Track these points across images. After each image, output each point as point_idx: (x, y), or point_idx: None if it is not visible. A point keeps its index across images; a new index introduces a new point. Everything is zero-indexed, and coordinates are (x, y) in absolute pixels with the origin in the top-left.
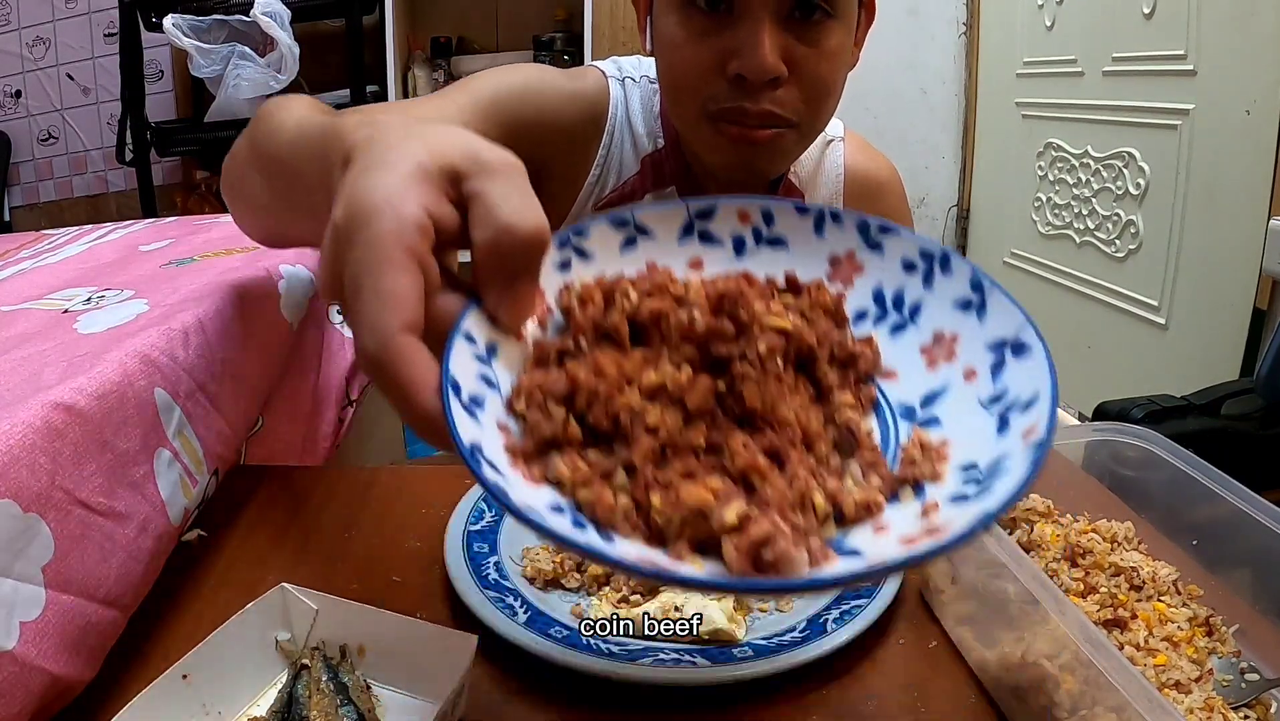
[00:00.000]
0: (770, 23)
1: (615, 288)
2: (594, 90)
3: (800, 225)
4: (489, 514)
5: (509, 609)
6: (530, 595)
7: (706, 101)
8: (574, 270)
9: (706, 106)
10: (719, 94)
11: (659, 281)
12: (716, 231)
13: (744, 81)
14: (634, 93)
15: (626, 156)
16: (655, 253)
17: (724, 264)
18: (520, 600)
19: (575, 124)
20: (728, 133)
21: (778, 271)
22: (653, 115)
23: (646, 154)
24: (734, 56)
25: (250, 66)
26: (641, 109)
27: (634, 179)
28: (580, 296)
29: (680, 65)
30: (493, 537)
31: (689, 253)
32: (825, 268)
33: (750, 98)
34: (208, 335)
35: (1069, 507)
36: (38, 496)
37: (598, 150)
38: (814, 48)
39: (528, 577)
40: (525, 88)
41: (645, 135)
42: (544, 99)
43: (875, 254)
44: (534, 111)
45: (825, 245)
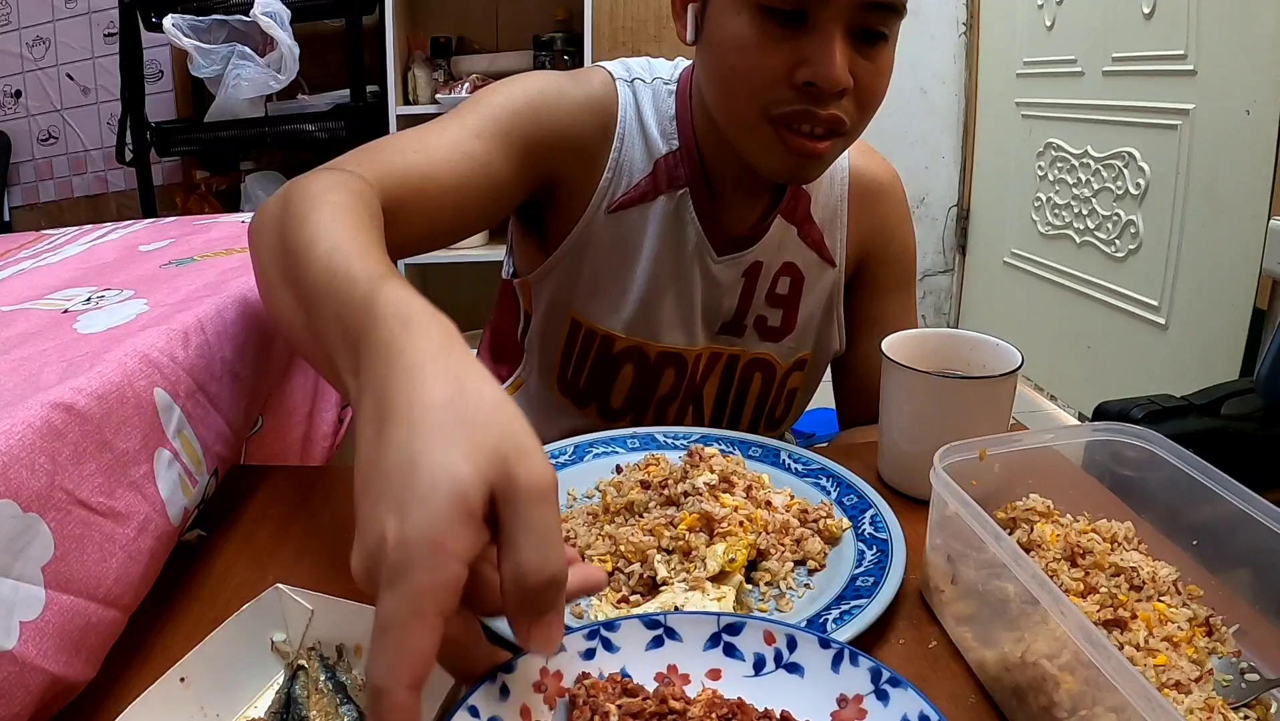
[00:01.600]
0: (841, 36)
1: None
2: (602, 95)
3: (819, 657)
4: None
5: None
6: None
7: (770, 105)
8: (597, 659)
9: (769, 110)
10: (783, 98)
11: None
12: (741, 647)
13: (813, 89)
14: (645, 94)
15: (638, 159)
16: (679, 657)
17: (740, 680)
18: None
19: (587, 132)
20: (790, 141)
21: (788, 701)
22: (667, 117)
23: (660, 156)
24: (805, 64)
25: (250, 66)
26: (654, 111)
27: (645, 180)
28: (589, 690)
29: (747, 66)
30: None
31: (710, 662)
32: (832, 706)
33: (819, 104)
34: (207, 335)
35: (1069, 507)
36: (38, 496)
37: (609, 155)
38: (873, 63)
39: None
40: (536, 103)
41: (659, 137)
42: (555, 112)
43: (880, 703)
44: (547, 126)
45: (838, 683)
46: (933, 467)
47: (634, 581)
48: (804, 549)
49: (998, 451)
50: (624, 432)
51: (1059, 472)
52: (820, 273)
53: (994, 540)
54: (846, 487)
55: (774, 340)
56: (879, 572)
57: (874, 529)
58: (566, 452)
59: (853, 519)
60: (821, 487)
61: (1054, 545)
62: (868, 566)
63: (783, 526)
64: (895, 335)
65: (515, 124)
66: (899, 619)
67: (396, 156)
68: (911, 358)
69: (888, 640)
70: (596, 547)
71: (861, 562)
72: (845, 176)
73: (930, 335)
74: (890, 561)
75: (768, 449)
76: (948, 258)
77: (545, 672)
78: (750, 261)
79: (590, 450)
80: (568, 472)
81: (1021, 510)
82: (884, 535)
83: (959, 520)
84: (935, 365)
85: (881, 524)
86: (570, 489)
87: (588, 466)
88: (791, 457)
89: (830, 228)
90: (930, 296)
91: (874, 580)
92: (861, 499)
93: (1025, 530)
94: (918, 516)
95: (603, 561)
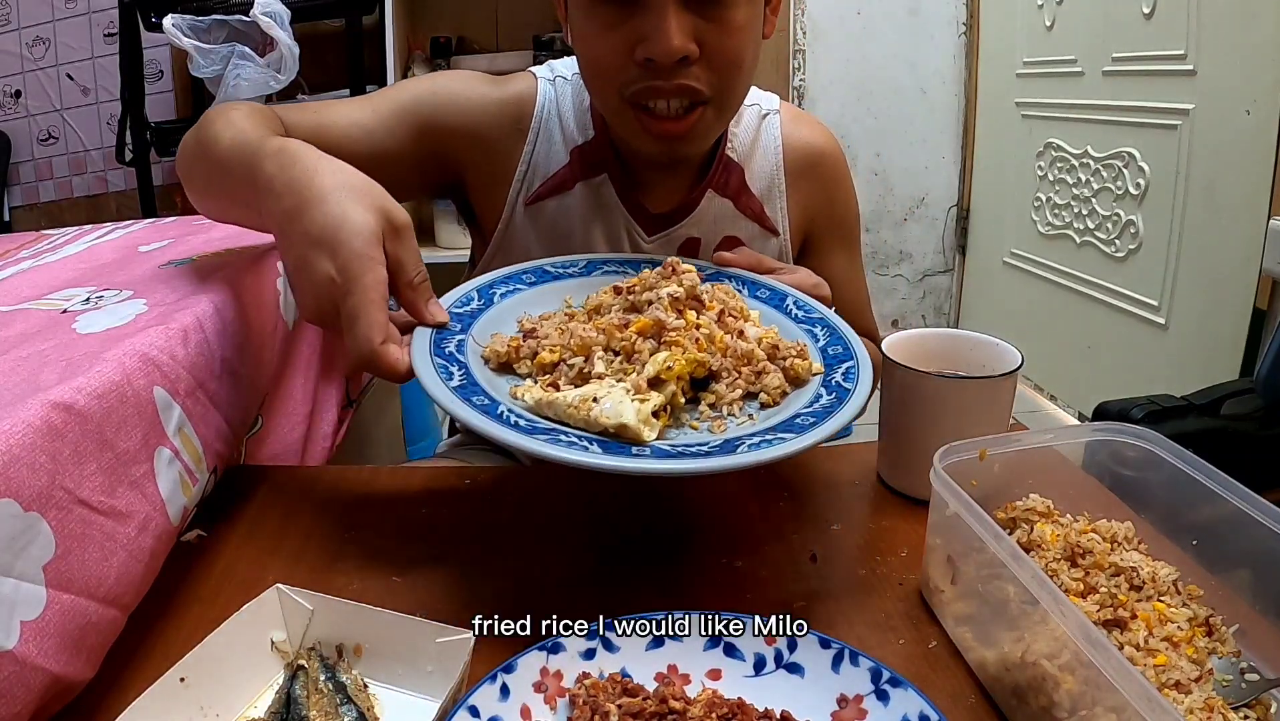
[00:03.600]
0: (674, 6)
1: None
2: (520, 92)
3: (819, 657)
4: (477, 301)
5: (447, 373)
6: (476, 370)
7: (622, 87)
8: (597, 659)
9: (624, 91)
10: (632, 78)
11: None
12: (741, 647)
13: (654, 64)
14: (565, 90)
15: (555, 151)
16: (679, 657)
17: (740, 680)
18: (463, 370)
19: (495, 126)
20: (651, 126)
21: (788, 701)
22: (583, 109)
23: (576, 146)
24: (642, 41)
25: (250, 66)
26: (572, 105)
27: (563, 170)
28: (589, 690)
29: (595, 55)
30: (469, 321)
31: (710, 662)
32: (832, 706)
33: (662, 77)
34: (206, 334)
35: (1069, 507)
36: (38, 495)
37: (523, 150)
38: (720, 24)
39: (484, 358)
40: (442, 95)
41: (576, 129)
42: (460, 105)
43: (880, 703)
44: (450, 117)
45: (838, 683)
46: (933, 467)
47: (573, 373)
48: (761, 381)
49: (998, 451)
50: (641, 257)
51: (1059, 472)
52: (764, 243)
53: (994, 540)
54: (836, 338)
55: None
56: (823, 415)
57: (844, 379)
58: (578, 265)
59: (828, 367)
60: (812, 335)
61: (1054, 545)
62: (816, 409)
63: (745, 355)
64: (895, 335)
65: (414, 109)
66: (899, 619)
67: (297, 111)
68: (911, 358)
69: (888, 640)
70: (552, 338)
71: (814, 404)
72: (779, 145)
73: (930, 335)
74: (841, 407)
75: (776, 292)
76: (948, 258)
77: (545, 672)
78: (684, 238)
79: (601, 267)
80: (574, 283)
81: (1021, 510)
82: (850, 385)
83: (959, 520)
84: (935, 365)
85: (853, 376)
86: (569, 296)
87: (594, 280)
88: (796, 304)
89: (769, 197)
90: (930, 296)
91: (815, 421)
92: (846, 350)
93: (1025, 530)
94: (918, 516)
95: (552, 352)
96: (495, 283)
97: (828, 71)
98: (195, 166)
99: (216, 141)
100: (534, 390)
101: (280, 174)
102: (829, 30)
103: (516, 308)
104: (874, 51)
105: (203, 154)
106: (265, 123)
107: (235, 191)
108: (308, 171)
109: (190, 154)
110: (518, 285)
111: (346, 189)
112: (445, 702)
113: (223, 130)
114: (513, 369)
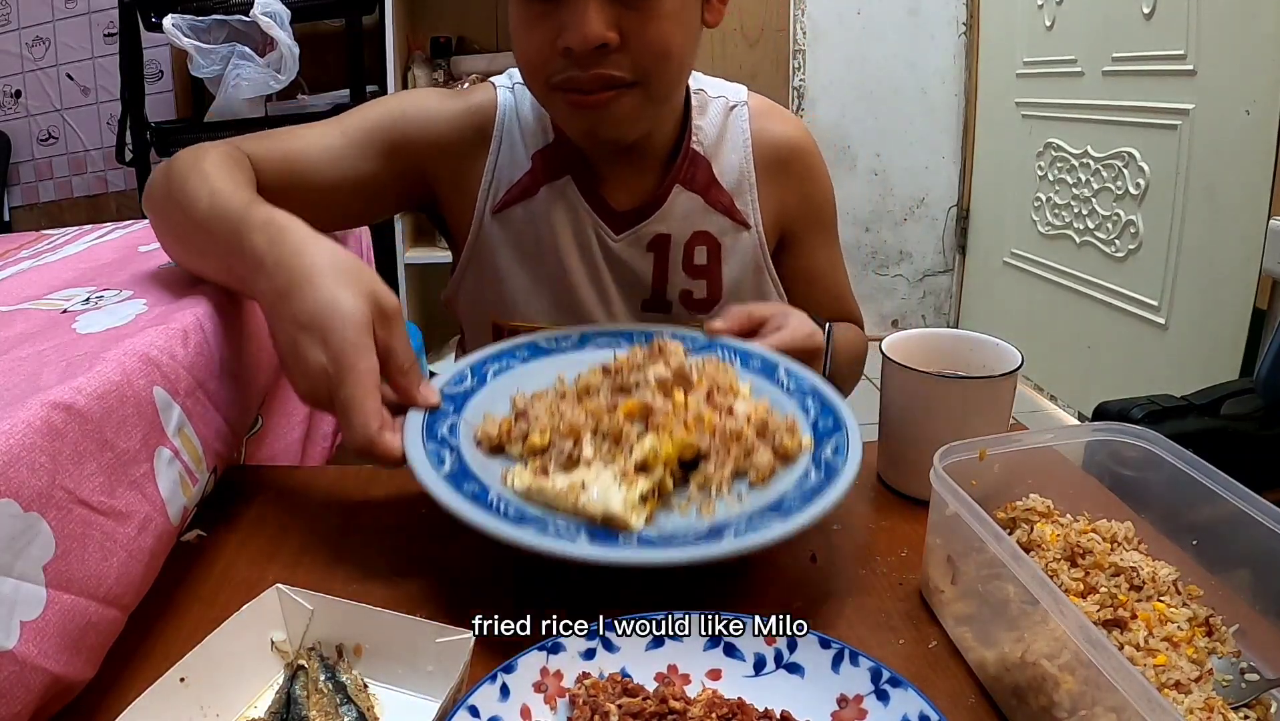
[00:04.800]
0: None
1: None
2: (481, 103)
3: (819, 657)
4: (470, 380)
5: (439, 459)
6: (468, 453)
7: (549, 76)
8: (597, 659)
9: (550, 80)
10: (556, 68)
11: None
12: (741, 647)
13: (572, 53)
14: (524, 95)
15: (517, 156)
16: (679, 657)
17: (740, 680)
18: (455, 454)
19: (460, 139)
20: (569, 100)
21: (788, 701)
22: (542, 112)
23: (537, 149)
24: (562, 32)
25: (250, 66)
26: (532, 109)
27: (526, 176)
28: (589, 690)
29: (524, 47)
30: (462, 401)
31: (710, 662)
32: (832, 706)
33: (580, 65)
34: (206, 334)
35: (1069, 507)
36: (38, 495)
37: (486, 158)
38: (643, 12)
39: (477, 440)
40: (409, 113)
41: (537, 133)
42: (427, 121)
43: (880, 703)
44: (419, 134)
45: (838, 683)
46: (933, 467)
47: (563, 458)
48: (751, 460)
49: (998, 451)
50: (633, 327)
51: (1059, 472)
52: (736, 237)
53: (994, 540)
54: (827, 410)
55: (703, 311)
56: (810, 496)
57: (834, 454)
58: (571, 339)
59: (819, 441)
60: (804, 406)
61: (1054, 545)
62: (805, 489)
63: (734, 434)
64: (895, 335)
65: (383, 129)
66: (899, 619)
67: (269, 141)
68: (911, 358)
69: (888, 640)
70: (541, 420)
71: (801, 485)
72: (748, 138)
73: (930, 335)
74: (829, 486)
75: (767, 362)
76: (948, 258)
77: (545, 672)
78: (653, 234)
79: (594, 340)
80: (568, 357)
81: (1021, 510)
82: (840, 460)
83: (959, 520)
84: (935, 365)
85: (843, 451)
86: (562, 373)
87: (588, 354)
88: (788, 373)
89: (739, 190)
90: (930, 296)
91: (803, 502)
92: (836, 423)
93: (1025, 530)
94: (918, 516)
95: (542, 434)
96: (489, 360)
97: (828, 71)
98: (168, 218)
99: (194, 201)
100: (524, 475)
101: (270, 249)
102: (829, 30)
103: (510, 384)
104: (874, 51)
105: (178, 209)
106: (242, 176)
107: (215, 255)
108: (296, 249)
109: (161, 203)
110: (511, 361)
111: (335, 270)
112: (445, 702)
113: (199, 188)
114: (505, 450)
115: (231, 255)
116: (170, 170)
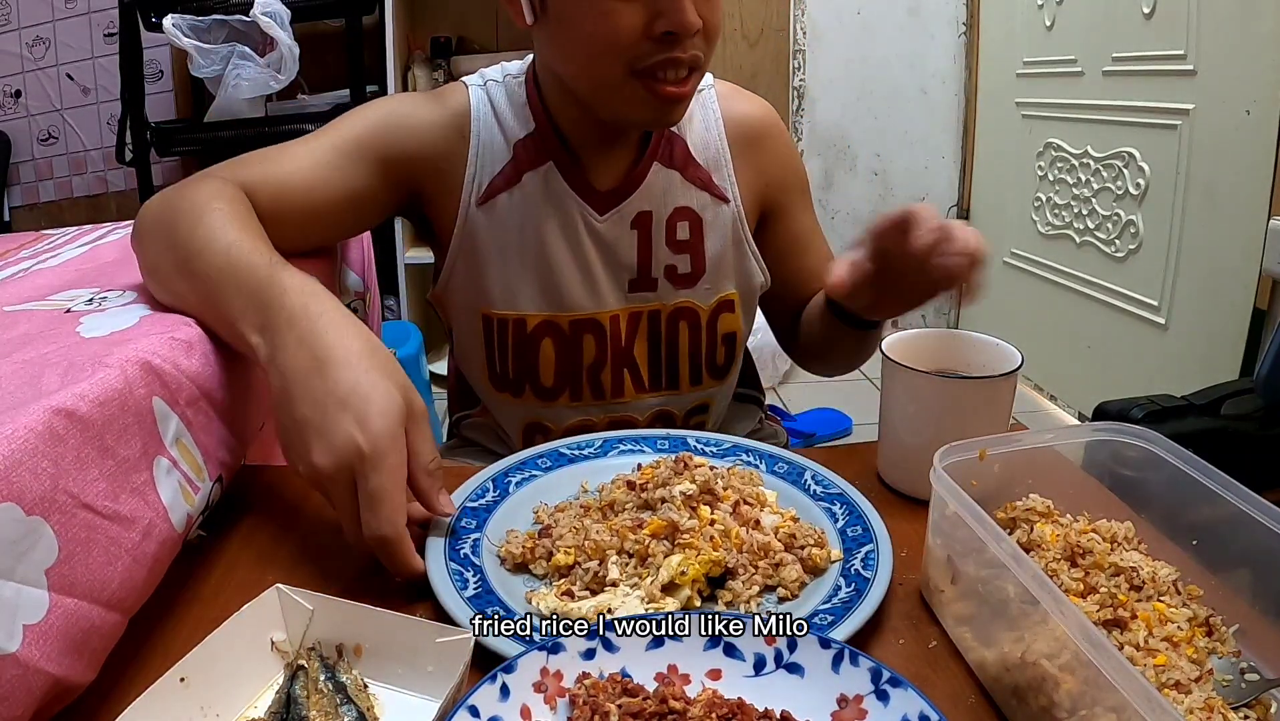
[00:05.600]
0: None
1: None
2: (455, 103)
3: (820, 657)
4: (492, 492)
5: (462, 581)
6: (491, 573)
7: (634, 60)
8: (597, 659)
9: (634, 65)
10: (646, 52)
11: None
12: (741, 647)
13: (672, 37)
14: (497, 91)
15: (497, 150)
16: (679, 657)
17: (740, 680)
18: (478, 575)
19: (441, 142)
20: (659, 91)
21: (788, 701)
22: (520, 104)
23: (518, 140)
24: (661, 16)
25: (250, 66)
26: (508, 103)
27: (508, 166)
28: (589, 690)
29: (606, 30)
30: (485, 516)
31: (710, 662)
32: (833, 706)
33: (679, 49)
34: (213, 343)
35: (1069, 507)
36: (41, 499)
37: (468, 154)
38: (708, 1)
39: (499, 557)
40: (390, 121)
41: (516, 124)
42: (407, 126)
43: (880, 703)
44: (398, 142)
45: (838, 683)
46: (933, 467)
47: (588, 578)
48: (780, 575)
49: (998, 451)
50: (656, 433)
51: (1059, 472)
52: (716, 211)
53: (994, 540)
54: (856, 517)
55: (689, 286)
56: (841, 612)
57: (864, 565)
58: (593, 445)
59: (848, 551)
60: (831, 514)
61: (1054, 545)
62: (835, 604)
63: (761, 548)
64: (895, 335)
65: (371, 141)
66: (899, 619)
67: (261, 166)
68: (911, 357)
69: (888, 640)
70: (566, 540)
71: (831, 600)
72: (718, 118)
73: (930, 335)
74: (859, 602)
75: (794, 466)
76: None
77: (545, 672)
78: (635, 212)
79: (616, 446)
80: (589, 465)
81: (1021, 510)
82: (870, 573)
83: (959, 520)
84: (935, 365)
85: (872, 562)
86: (585, 481)
87: (610, 461)
88: (815, 479)
89: (716, 166)
90: None
91: (833, 620)
92: (866, 531)
93: (1025, 530)
94: (918, 516)
95: (567, 554)
96: (510, 470)
97: (828, 71)
98: (166, 258)
99: (207, 252)
100: (549, 598)
101: (303, 320)
102: (829, 30)
103: (533, 496)
104: (874, 51)
105: (183, 254)
106: (254, 225)
107: (223, 307)
108: (334, 325)
109: (160, 245)
110: (533, 471)
111: (374, 357)
112: (445, 702)
113: (214, 238)
114: (528, 568)
115: (249, 313)
116: (171, 211)
